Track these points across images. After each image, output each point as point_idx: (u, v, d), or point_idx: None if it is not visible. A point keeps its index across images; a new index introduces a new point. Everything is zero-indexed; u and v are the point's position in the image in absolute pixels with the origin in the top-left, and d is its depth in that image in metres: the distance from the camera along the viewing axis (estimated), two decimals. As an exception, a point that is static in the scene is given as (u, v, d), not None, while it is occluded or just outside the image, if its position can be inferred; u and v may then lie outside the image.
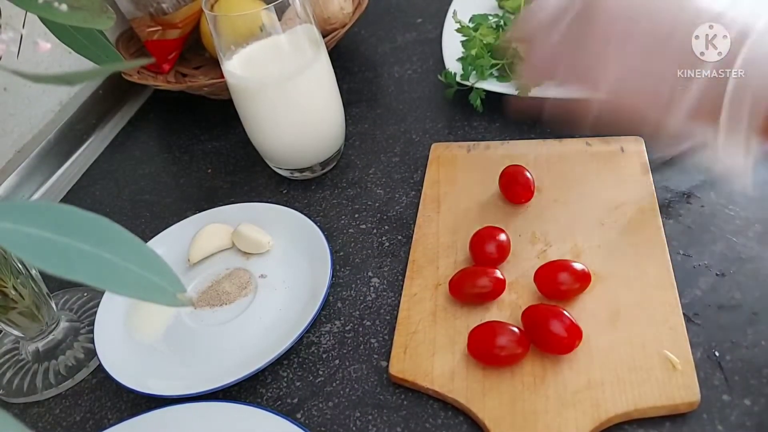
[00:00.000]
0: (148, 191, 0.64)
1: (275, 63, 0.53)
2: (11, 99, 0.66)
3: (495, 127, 0.61)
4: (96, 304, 0.50)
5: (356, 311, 0.47)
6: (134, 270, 0.22)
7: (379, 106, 0.68)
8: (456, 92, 0.63)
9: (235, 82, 0.54)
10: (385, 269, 0.50)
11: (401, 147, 0.61)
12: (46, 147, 0.68)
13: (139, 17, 0.75)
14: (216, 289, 0.50)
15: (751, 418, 0.36)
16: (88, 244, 0.22)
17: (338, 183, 0.59)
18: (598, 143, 0.54)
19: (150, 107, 0.78)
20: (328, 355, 0.45)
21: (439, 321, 0.44)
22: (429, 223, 0.51)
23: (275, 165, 0.60)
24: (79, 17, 0.29)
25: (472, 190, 0.53)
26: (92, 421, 0.44)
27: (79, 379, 0.47)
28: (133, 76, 0.71)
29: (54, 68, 0.69)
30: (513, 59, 0.59)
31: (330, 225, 0.54)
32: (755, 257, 0.44)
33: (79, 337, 0.49)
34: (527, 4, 0.45)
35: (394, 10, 0.83)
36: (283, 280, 0.49)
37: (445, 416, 0.39)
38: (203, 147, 0.68)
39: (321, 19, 0.69)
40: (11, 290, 0.44)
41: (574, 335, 0.39)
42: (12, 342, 0.50)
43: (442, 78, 0.63)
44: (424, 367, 0.41)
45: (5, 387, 0.47)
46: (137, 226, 0.59)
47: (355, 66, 0.75)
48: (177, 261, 0.53)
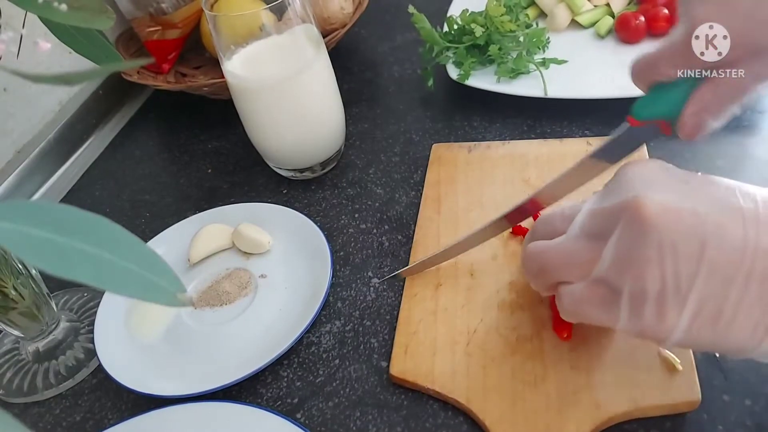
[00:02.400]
0: (148, 191, 0.64)
1: (275, 63, 0.53)
2: (11, 99, 0.66)
3: (495, 127, 0.61)
4: (96, 304, 0.50)
5: (356, 311, 0.47)
6: (134, 270, 0.22)
7: (379, 106, 0.68)
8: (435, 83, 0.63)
9: (235, 82, 0.54)
10: (386, 269, 0.50)
11: (401, 147, 0.61)
12: (46, 147, 0.68)
13: (139, 17, 0.75)
14: (216, 289, 0.50)
15: (751, 418, 0.36)
16: (88, 244, 0.22)
17: (338, 183, 0.59)
18: (599, 143, 0.54)
19: (150, 107, 0.78)
20: (328, 355, 0.45)
21: (440, 321, 0.44)
22: (430, 224, 0.51)
23: (275, 165, 0.60)
24: (79, 17, 0.29)
25: (472, 190, 0.53)
26: (92, 421, 0.44)
27: (80, 379, 0.47)
28: (133, 76, 0.71)
29: (54, 68, 0.69)
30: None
31: (330, 225, 0.54)
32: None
33: (80, 337, 0.49)
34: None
35: (394, 10, 0.83)
36: (283, 280, 0.49)
37: (446, 416, 0.39)
38: (203, 147, 0.68)
39: (321, 19, 0.69)
40: (11, 290, 0.44)
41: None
42: (12, 342, 0.50)
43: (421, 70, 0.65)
44: (425, 367, 0.41)
45: (5, 387, 0.47)
46: (137, 226, 0.59)
47: (355, 66, 0.75)
48: (177, 261, 0.53)
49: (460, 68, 0.64)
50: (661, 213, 0.29)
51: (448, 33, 0.67)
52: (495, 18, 0.62)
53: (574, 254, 0.34)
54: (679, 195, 0.30)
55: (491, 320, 0.43)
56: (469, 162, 0.56)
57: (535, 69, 0.62)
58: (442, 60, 0.65)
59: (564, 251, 0.35)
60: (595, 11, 0.70)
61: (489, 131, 0.60)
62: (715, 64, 0.34)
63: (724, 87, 0.34)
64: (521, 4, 0.68)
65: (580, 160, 0.39)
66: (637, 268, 0.30)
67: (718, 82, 0.34)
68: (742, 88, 0.34)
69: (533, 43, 0.64)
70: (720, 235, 0.29)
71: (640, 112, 0.36)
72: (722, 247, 0.29)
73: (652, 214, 0.29)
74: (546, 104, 0.60)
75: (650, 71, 0.37)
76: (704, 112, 0.35)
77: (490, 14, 0.62)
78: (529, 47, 0.63)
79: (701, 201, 0.30)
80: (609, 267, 0.31)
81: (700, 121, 0.35)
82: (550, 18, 0.70)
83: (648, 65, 0.37)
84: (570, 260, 0.34)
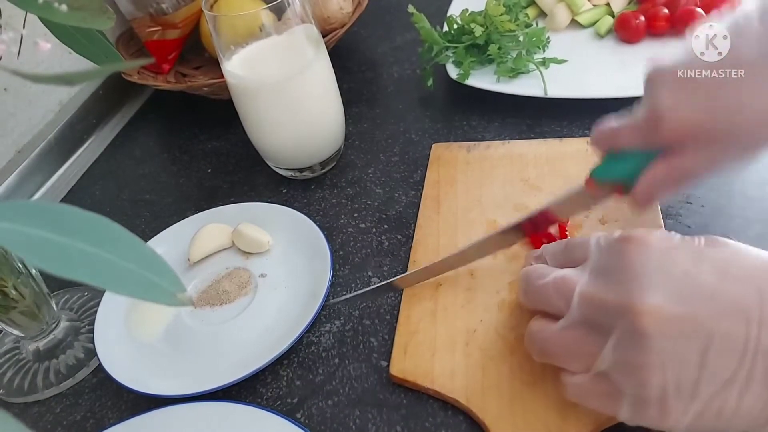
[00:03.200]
0: (148, 191, 0.64)
1: (275, 63, 0.53)
2: (11, 99, 0.66)
3: (494, 127, 0.61)
4: (96, 303, 0.50)
5: (356, 311, 0.47)
6: (134, 270, 0.22)
7: (378, 106, 0.68)
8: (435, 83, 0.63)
9: (235, 82, 0.54)
10: (385, 269, 0.50)
11: (401, 146, 0.61)
12: (46, 147, 0.68)
13: (139, 17, 0.75)
14: (216, 288, 0.50)
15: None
16: (88, 244, 0.22)
17: (338, 183, 0.59)
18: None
19: (150, 107, 0.78)
20: (328, 355, 0.45)
21: (440, 321, 0.44)
22: (429, 224, 0.51)
23: (275, 165, 0.60)
24: (79, 17, 0.29)
25: (472, 190, 0.53)
26: (93, 421, 0.44)
27: (80, 378, 0.47)
28: (133, 76, 0.71)
29: (54, 68, 0.69)
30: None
31: (330, 224, 0.55)
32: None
33: (80, 337, 0.49)
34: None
35: (394, 9, 0.83)
36: (282, 280, 0.49)
37: (445, 416, 0.39)
38: (203, 147, 0.68)
39: (321, 19, 0.69)
40: (12, 290, 0.44)
41: None
42: (12, 341, 0.50)
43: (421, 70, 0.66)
44: (425, 367, 0.41)
45: (5, 386, 0.47)
46: (137, 226, 0.59)
47: (355, 66, 0.75)
48: (177, 261, 0.53)
49: (460, 68, 0.64)
50: (660, 322, 0.29)
51: (448, 33, 0.67)
52: (494, 17, 0.62)
53: (575, 345, 0.33)
54: (680, 293, 0.29)
55: (491, 320, 0.43)
56: (469, 162, 0.56)
57: (534, 68, 0.62)
58: (442, 60, 0.65)
59: (565, 341, 0.34)
60: (595, 11, 0.70)
61: (488, 131, 0.60)
62: (669, 144, 0.34)
63: (676, 168, 0.35)
64: (521, 3, 0.68)
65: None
66: (638, 375, 0.30)
67: (672, 162, 0.35)
68: (694, 171, 0.35)
69: (533, 42, 0.64)
70: (722, 339, 0.28)
71: (598, 175, 0.38)
72: (724, 352, 0.28)
73: (650, 324, 0.29)
74: (546, 104, 0.60)
75: (609, 141, 0.38)
76: (655, 188, 0.36)
77: (490, 14, 0.62)
78: (528, 47, 0.63)
79: (703, 301, 0.29)
80: (610, 368, 0.31)
81: (651, 197, 0.36)
82: (549, 17, 0.70)
83: (608, 136, 0.38)
84: (571, 350, 0.34)
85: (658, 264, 0.31)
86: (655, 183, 0.35)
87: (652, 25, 0.64)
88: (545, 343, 0.35)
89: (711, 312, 0.29)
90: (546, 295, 0.36)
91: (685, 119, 0.33)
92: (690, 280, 0.30)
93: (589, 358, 0.33)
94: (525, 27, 0.65)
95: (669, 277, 0.30)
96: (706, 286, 0.30)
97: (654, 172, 0.35)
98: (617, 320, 0.30)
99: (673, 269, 0.30)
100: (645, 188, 0.36)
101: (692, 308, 0.29)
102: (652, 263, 0.31)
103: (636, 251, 0.31)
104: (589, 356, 0.33)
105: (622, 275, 0.31)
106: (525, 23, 0.65)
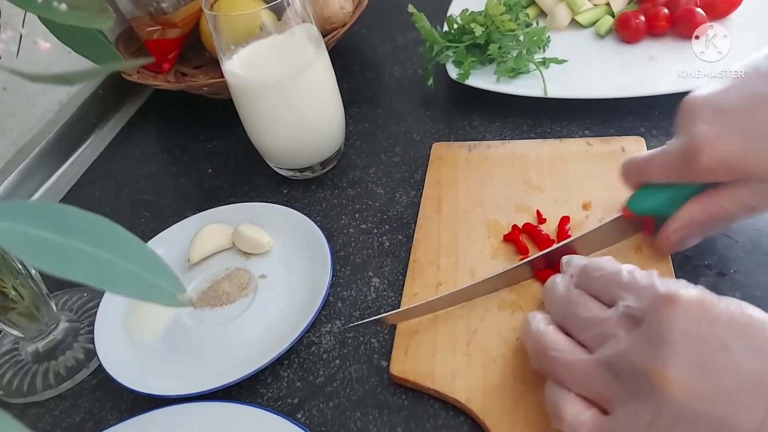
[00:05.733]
0: (148, 191, 0.64)
1: (275, 63, 0.53)
2: (11, 99, 0.66)
3: (495, 127, 0.61)
4: (96, 304, 0.49)
5: (356, 311, 0.47)
6: (134, 270, 0.22)
7: (379, 106, 0.68)
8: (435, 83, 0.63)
9: (235, 82, 0.54)
10: (386, 269, 0.49)
11: (402, 146, 0.61)
12: (46, 147, 0.68)
13: (139, 17, 0.75)
14: (216, 289, 0.50)
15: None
16: (88, 244, 0.22)
17: (338, 183, 0.59)
18: (599, 143, 0.54)
19: (150, 107, 0.78)
20: (329, 355, 0.45)
21: (440, 321, 0.43)
22: (430, 224, 0.51)
23: (275, 165, 0.60)
24: (79, 16, 0.29)
25: (473, 190, 0.53)
26: (92, 422, 0.44)
27: (79, 379, 0.47)
28: (133, 75, 0.71)
29: (54, 68, 0.69)
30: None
31: (330, 225, 0.54)
32: (755, 257, 0.44)
33: (79, 338, 0.49)
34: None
35: (394, 9, 0.82)
36: (283, 281, 0.49)
37: (446, 416, 0.39)
38: (203, 147, 0.68)
39: (321, 19, 0.69)
40: (11, 290, 0.44)
41: None
42: (12, 342, 0.50)
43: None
44: (425, 368, 0.41)
45: (5, 387, 0.47)
46: (137, 226, 0.59)
47: (356, 65, 0.75)
48: (177, 261, 0.53)
49: (460, 68, 0.64)
50: (683, 389, 0.29)
51: (448, 32, 0.67)
52: (495, 17, 0.62)
53: (593, 381, 0.33)
54: (705, 367, 0.29)
55: (491, 321, 0.43)
56: (470, 161, 0.56)
57: (535, 68, 0.62)
58: (442, 59, 0.65)
59: (584, 373, 0.33)
60: (595, 10, 0.70)
61: (489, 131, 0.60)
62: (703, 178, 0.34)
63: (714, 206, 0.34)
64: (521, 3, 0.68)
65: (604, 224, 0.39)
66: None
67: (708, 201, 0.34)
68: (730, 214, 0.34)
69: (533, 42, 0.63)
70: (738, 418, 0.28)
71: (633, 206, 0.38)
72: (738, 429, 0.28)
73: (672, 390, 0.29)
74: (546, 104, 0.60)
75: (640, 175, 0.37)
76: (689, 229, 0.35)
77: (490, 13, 0.62)
78: (529, 46, 0.63)
79: (727, 377, 0.29)
80: (624, 429, 0.31)
81: (682, 238, 0.36)
82: (550, 17, 0.70)
83: (639, 168, 0.37)
84: (586, 383, 0.33)
85: (693, 328, 0.30)
86: (691, 223, 0.34)
87: (652, 25, 0.64)
88: (554, 362, 0.34)
89: (733, 388, 0.28)
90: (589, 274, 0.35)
91: (724, 152, 0.33)
92: (718, 355, 0.29)
93: (601, 396, 0.32)
94: (525, 27, 0.65)
95: (699, 345, 0.29)
96: (735, 364, 0.29)
97: (689, 212, 0.34)
98: (642, 382, 0.30)
99: (707, 337, 0.29)
100: (676, 229, 0.35)
101: (715, 383, 0.29)
102: (686, 325, 0.30)
103: (671, 312, 0.30)
104: (602, 396, 0.32)
105: (655, 335, 0.30)
106: (525, 23, 0.65)
